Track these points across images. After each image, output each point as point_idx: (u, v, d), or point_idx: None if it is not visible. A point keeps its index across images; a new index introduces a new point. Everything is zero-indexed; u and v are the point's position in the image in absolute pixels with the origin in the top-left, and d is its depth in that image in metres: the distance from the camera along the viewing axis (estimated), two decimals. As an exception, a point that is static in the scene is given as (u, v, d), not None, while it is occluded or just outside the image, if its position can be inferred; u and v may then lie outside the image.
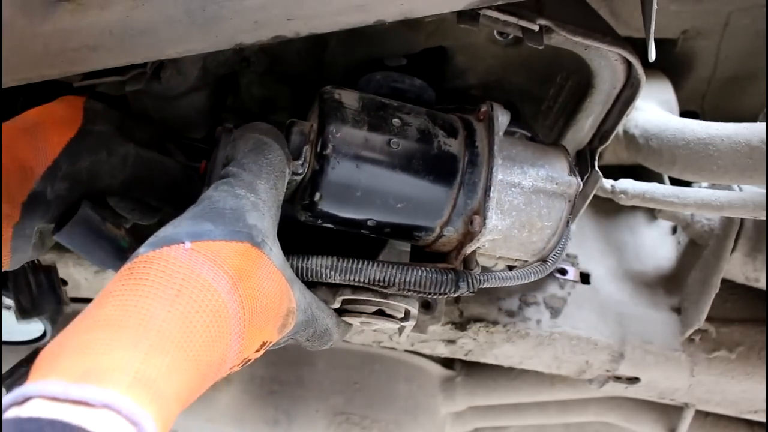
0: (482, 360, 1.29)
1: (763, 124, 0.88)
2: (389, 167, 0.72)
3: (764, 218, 0.96)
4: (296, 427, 1.48)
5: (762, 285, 1.20)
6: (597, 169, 0.90)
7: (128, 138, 0.77)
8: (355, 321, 0.78)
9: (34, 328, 1.34)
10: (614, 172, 1.07)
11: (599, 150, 0.91)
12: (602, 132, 0.89)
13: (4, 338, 1.38)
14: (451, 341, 1.24)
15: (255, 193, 0.62)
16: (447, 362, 1.54)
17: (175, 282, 0.50)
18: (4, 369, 0.83)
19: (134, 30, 0.60)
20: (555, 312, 1.22)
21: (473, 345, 1.23)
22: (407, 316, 0.80)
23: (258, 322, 0.58)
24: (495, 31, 0.85)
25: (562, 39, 0.71)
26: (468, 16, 0.66)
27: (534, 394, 1.46)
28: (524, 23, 0.69)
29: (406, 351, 1.42)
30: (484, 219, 0.72)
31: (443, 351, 1.28)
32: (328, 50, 0.91)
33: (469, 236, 0.75)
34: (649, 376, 1.27)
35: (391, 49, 0.92)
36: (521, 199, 0.76)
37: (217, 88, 0.94)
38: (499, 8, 0.67)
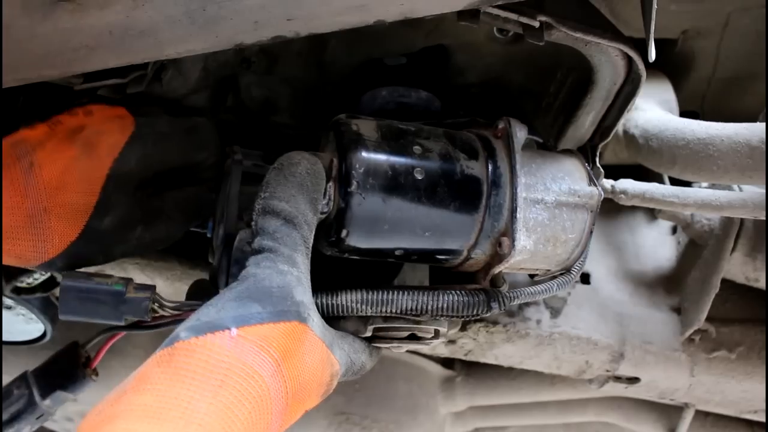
0: (482, 360, 1.29)
1: (763, 124, 0.88)
2: (415, 198, 0.70)
3: (764, 218, 0.97)
4: (296, 426, 1.47)
5: (762, 285, 1.20)
6: (598, 165, 0.90)
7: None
8: (385, 345, 0.78)
9: (33, 328, 1.34)
10: (614, 172, 1.07)
11: (600, 147, 0.91)
12: (603, 128, 0.89)
13: (4, 338, 1.38)
14: (451, 341, 1.24)
15: (296, 267, 0.61)
16: (447, 362, 1.54)
17: (218, 372, 0.49)
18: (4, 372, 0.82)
19: (134, 30, 0.60)
20: (555, 312, 1.22)
21: (473, 345, 1.23)
22: (437, 334, 0.79)
23: (300, 396, 0.58)
24: (495, 29, 0.85)
25: (563, 35, 0.71)
26: (468, 13, 0.66)
27: (534, 394, 1.46)
28: (524, 20, 0.69)
29: (406, 351, 1.42)
30: (513, 241, 0.71)
31: (443, 351, 1.28)
32: (328, 50, 0.91)
33: (497, 258, 0.74)
34: (649, 376, 1.27)
35: (390, 49, 0.92)
36: (545, 214, 0.75)
37: (217, 89, 0.94)
38: (500, 5, 0.66)
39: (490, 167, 0.74)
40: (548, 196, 0.75)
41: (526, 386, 1.45)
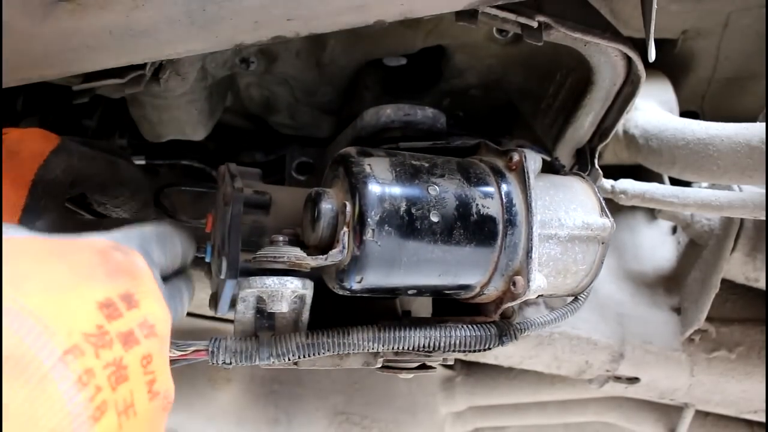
0: (482, 360, 1.29)
1: (763, 124, 0.88)
2: (431, 242, 0.68)
3: (764, 218, 0.97)
4: (296, 426, 1.48)
5: (762, 285, 1.20)
6: (597, 167, 0.90)
7: None
8: (394, 373, 0.78)
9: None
10: (614, 172, 1.07)
11: (599, 148, 0.91)
12: (602, 129, 0.89)
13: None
14: (451, 341, 1.23)
15: None
16: (447, 362, 1.54)
17: None
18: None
19: (134, 30, 0.60)
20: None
21: (474, 345, 1.23)
22: (445, 360, 0.80)
23: None
24: (494, 29, 0.85)
25: (562, 35, 0.71)
26: (467, 13, 0.66)
27: (534, 394, 1.46)
28: (523, 20, 0.68)
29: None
30: (528, 282, 0.71)
31: (443, 351, 1.28)
32: (327, 51, 0.91)
33: (510, 295, 0.73)
34: (649, 376, 1.27)
35: (389, 49, 0.92)
36: (558, 249, 0.74)
37: (216, 89, 0.94)
38: (498, 6, 0.66)
39: (505, 205, 0.72)
40: (562, 231, 0.74)
41: (526, 386, 1.45)
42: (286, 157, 1.00)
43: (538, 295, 0.81)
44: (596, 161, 0.90)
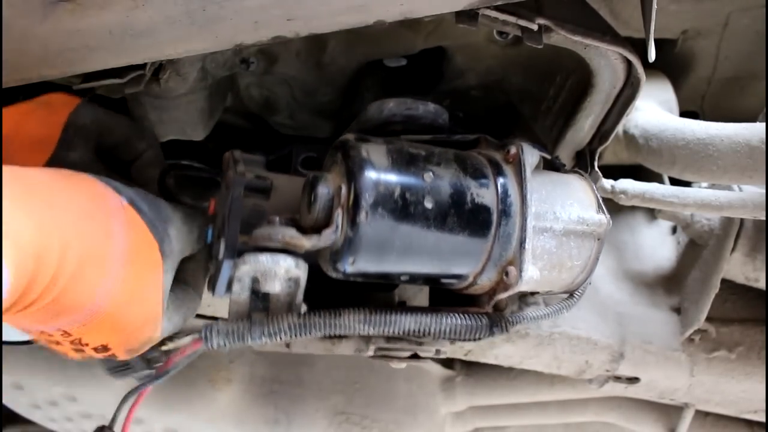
0: (482, 360, 1.29)
1: (763, 124, 0.88)
2: (424, 227, 0.69)
3: (764, 218, 0.97)
4: (296, 426, 1.48)
5: (762, 285, 1.20)
6: (597, 169, 0.90)
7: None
8: (386, 361, 0.79)
9: (34, 328, 1.34)
10: (614, 172, 1.07)
11: (599, 150, 0.91)
12: (602, 132, 0.89)
13: (4, 338, 1.38)
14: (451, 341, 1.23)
15: None
16: (447, 362, 1.54)
17: None
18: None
19: (134, 30, 0.61)
20: (555, 312, 1.22)
21: (473, 345, 1.23)
22: (438, 353, 0.80)
23: None
24: (494, 31, 0.85)
25: (562, 38, 0.71)
26: (466, 15, 0.66)
27: (534, 394, 1.46)
28: (523, 22, 0.69)
29: (406, 351, 1.42)
30: (521, 272, 0.71)
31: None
32: (327, 51, 0.91)
33: (503, 285, 0.74)
34: (649, 376, 1.27)
35: (390, 50, 0.92)
36: (553, 242, 0.75)
37: (216, 89, 0.94)
38: (498, 8, 0.66)
39: (500, 196, 0.73)
40: (557, 225, 0.75)
41: (525, 386, 1.45)
42: (292, 152, 1.00)
43: (534, 292, 0.82)
44: (596, 163, 0.90)
